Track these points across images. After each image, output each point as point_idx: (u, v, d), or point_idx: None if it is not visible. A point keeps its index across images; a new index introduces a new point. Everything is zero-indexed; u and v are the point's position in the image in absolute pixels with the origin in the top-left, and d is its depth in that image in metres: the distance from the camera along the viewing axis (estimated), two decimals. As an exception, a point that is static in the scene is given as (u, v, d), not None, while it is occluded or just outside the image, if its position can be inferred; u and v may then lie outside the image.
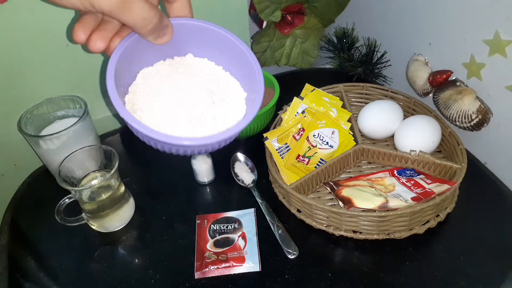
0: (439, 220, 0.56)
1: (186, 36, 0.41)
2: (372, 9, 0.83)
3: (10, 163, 0.70)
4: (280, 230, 0.56)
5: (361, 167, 0.66)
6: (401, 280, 0.51)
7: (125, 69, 0.39)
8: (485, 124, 0.63)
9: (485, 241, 0.54)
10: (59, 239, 0.58)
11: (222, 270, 0.52)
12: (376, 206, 0.52)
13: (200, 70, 0.42)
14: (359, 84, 0.75)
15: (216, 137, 0.35)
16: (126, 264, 0.55)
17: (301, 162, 0.63)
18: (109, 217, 0.57)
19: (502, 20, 0.56)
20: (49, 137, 0.57)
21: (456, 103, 0.63)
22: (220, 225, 0.57)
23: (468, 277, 0.51)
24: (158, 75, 0.41)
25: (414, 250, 0.54)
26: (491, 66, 0.60)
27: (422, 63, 0.72)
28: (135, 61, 0.41)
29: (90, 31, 0.36)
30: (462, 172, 0.56)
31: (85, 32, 0.36)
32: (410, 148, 0.61)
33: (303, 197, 0.54)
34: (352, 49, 0.85)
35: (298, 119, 0.66)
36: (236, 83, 0.43)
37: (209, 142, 0.35)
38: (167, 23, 0.37)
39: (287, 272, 0.52)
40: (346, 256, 0.54)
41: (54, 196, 0.56)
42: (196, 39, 0.42)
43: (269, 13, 0.83)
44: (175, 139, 0.35)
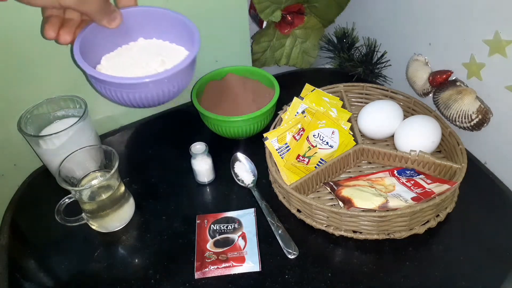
0: (439, 220, 0.56)
1: (134, 22, 0.54)
2: (372, 9, 0.83)
3: (10, 163, 0.70)
4: (280, 230, 0.56)
5: (361, 167, 0.66)
6: (401, 280, 0.51)
7: (89, 52, 0.51)
8: (485, 124, 0.63)
9: (485, 241, 0.54)
10: (59, 239, 0.58)
11: (222, 270, 0.52)
12: (376, 206, 0.52)
13: (151, 47, 0.55)
14: (359, 84, 0.75)
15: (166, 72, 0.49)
16: (126, 264, 0.55)
17: (301, 162, 0.63)
18: (109, 217, 0.57)
19: (502, 20, 0.56)
20: (49, 137, 0.57)
21: (456, 103, 0.63)
22: (220, 225, 0.57)
23: (468, 277, 0.51)
24: (117, 57, 0.55)
25: (414, 250, 0.54)
26: (491, 66, 0.60)
27: (422, 63, 0.72)
28: (97, 47, 0.53)
29: (58, 29, 0.48)
30: (462, 172, 0.56)
31: (54, 30, 0.48)
32: (410, 148, 0.61)
33: (303, 197, 0.54)
34: (352, 49, 0.85)
35: (298, 119, 0.66)
36: (180, 48, 0.56)
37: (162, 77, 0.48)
38: (114, 9, 0.49)
39: (287, 272, 0.52)
40: (346, 256, 0.54)
41: (54, 196, 0.55)
42: (142, 23, 0.54)
43: (269, 13, 0.83)
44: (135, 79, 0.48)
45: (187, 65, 0.50)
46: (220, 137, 0.71)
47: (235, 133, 0.68)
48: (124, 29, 0.52)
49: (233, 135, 0.69)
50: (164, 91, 0.50)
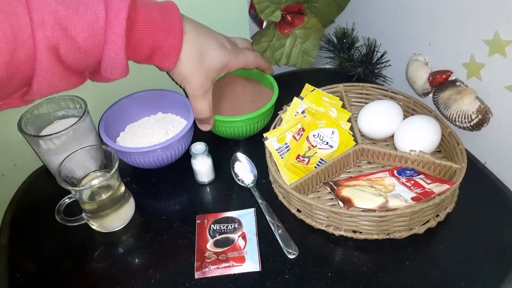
0: (439, 220, 0.56)
1: (156, 100, 0.71)
2: (372, 9, 0.83)
3: (10, 163, 0.70)
4: (280, 230, 0.56)
5: (361, 167, 0.66)
6: (401, 280, 0.51)
7: (119, 118, 0.69)
8: (485, 124, 0.63)
9: (485, 241, 0.54)
10: (59, 239, 0.58)
11: (222, 270, 0.52)
12: (376, 206, 0.52)
13: (164, 119, 0.71)
14: (359, 84, 0.75)
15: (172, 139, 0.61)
16: (126, 264, 0.55)
17: (301, 162, 0.63)
18: (109, 217, 0.57)
19: (502, 20, 0.56)
20: (49, 137, 0.57)
21: (456, 103, 0.63)
22: (220, 225, 0.57)
23: (468, 277, 0.51)
24: (138, 126, 0.71)
25: (414, 250, 0.54)
26: (491, 66, 0.60)
27: (422, 63, 0.72)
28: (127, 116, 0.71)
29: None
30: (462, 172, 0.56)
31: None
32: (410, 148, 0.61)
33: (303, 197, 0.54)
34: (352, 49, 0.85)
35: (298, 119, 0.66)
36: (183, 121, 0.70)
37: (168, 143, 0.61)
38: (211, 122, 0.64)
39: (287, 272, 0.52)
40: (346, 256, 0.54)
41: (54, 196, 0.56)
42: (161, 102, 0.71)
43: (269, 13, 0.83)
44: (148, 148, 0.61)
45: (186, 131, 0.63)
46: (220, 137, 0.71)
47: (233, 133, 0.68)
48: (151, 104, 0.72)
49: (231, 135, 0.69)
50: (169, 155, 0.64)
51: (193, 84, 0.55)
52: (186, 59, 0.53)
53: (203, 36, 0.55)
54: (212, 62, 0.56)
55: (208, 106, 0.59)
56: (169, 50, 0.51)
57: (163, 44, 0.51)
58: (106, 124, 0.65)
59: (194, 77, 0.55)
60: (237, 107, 0.71)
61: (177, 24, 0.51)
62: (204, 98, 0.58)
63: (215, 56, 0.56)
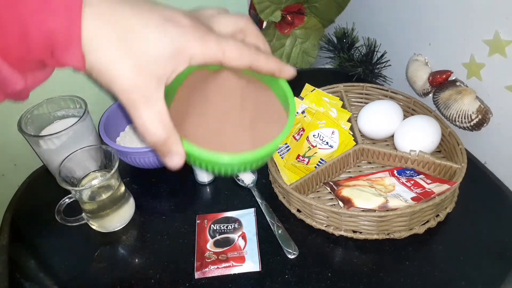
0: (439, 220, 0.56)
1: None
2: (372, 9, 0.83)
3: (10, 163, 0.70)
4: (280, 230, 0.56)
5: (361, 167, 0.66)
6: (401, 280, 0.51)
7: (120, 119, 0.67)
8: (485, 124, 0.63)
9: (485, 241, 0.54)
10: (59, 239, 0.58)
11: (222, 270, 0.52)
12: (376, 206, 0.52)
13: None
14: (359, 84, 0.75)
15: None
16: (126, 264, 0.55)
17: (301, 162, 0.63)
18: (109, 217, 0.57)
19: (502, 20, 0.56)
20: (49, 137, 0.57)
21: (456, 103, 0.63)
22: (220, 225, 0.57)
23: (468, 277, 0.51)
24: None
25: (414, 250, 0.54)
26: (491, 66, 0.60)
27: (422, 63, 0.72)
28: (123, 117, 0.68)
29: None
30: (462, 172, 0.56)
31: None
32: (410, 148, 0.61)
33: (303, 197, 0.54)
34: (352, 49, 0.85)
35: (298, 119, 0.66)
36: None
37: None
38: (177, 150, 0.33)
39: (287, 272, 0.52)
40: (346, 256, 0.54)
41: (54, 196, 0.56)
42: None
43: (269, 13, 0.83)
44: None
45: None
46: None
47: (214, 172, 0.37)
48: None
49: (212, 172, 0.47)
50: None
51: (120, 85, 0.30)
52: (96, 44, 0.29)
53: (125, 7, 0.30)
54: (149, 46, 0.30)
55: (158, 120, 0.31)
56: (58, 32, 0.28)
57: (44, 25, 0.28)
58: (106, 124, 0.65)
59: (118, 72, 0.30)
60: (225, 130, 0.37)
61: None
62: (148, 107, 0.31)
63: (153, 36, 0.30)
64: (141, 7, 0.31)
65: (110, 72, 0.30)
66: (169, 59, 0.31)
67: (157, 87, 0.31)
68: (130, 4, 0.30)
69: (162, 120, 0.31)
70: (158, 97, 0.31)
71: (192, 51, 0.31)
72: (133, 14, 0.30)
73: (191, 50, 0.31)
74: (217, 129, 0.36)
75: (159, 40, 0.30)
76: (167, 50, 0.30)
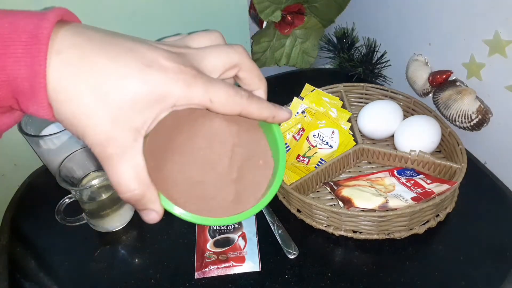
0: (439, 220, 0.56)
1: None
2: (372, 9, 0.83)
3: (10, 163, 0.70)
4: (280, 230, 0.56)
5: (361, 167, 0.66)
6: (401, 280, 0.51)
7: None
8: (485, 124, 0.63)
9: (485, 241, 0.54)
10: (59, 239, 0.58)
11: (222, 270, 0.52)
12: (376, 206, 0.52)
13: None
14: (359, 84, 0.75)
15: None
16: (126, 264, 0.55)
17: (301, 162, 0.63)
18: (109, 217, 0.57)
19: (502, 20, 0.56)
20: (49, 137, 0.57)
21: (456, 103, 0.63)
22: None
23: (468, 277, 0.51)
24: None
25: (414, 250, 0.54)
26: (491, 66, 0.60)
27: (422, 63, 0.72)
28: None
29: None
30: (462, 172, 0.56)
31: None
32: (410, 148, 0.61)
33: (303, 197, 0.54)
34: (352, 49, 0.85)
35: (298, 119, 0.66)
36: None
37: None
38: (153, 208, 0.29)
39: (287, 272, 0.52)
40: (346, 256, 0.54)
41: (54, 196, 0.56)
42: None
43: (269, 13, 0.83)
44: None
45: None
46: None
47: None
48: None
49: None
50: None
51: (93, 138, 0.27)
52: (64, 97, 0.26)
53: (100, 52, 0.26)
54: (127, 96, 0.26)
55: (134, 176, 0.28)
56: (21, 80, 0.25)
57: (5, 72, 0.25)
58: None
59: (92, 125, 0.27)
60: (209, 181, 0.33)
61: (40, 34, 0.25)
62: (123, 161, 0.28)
63: (131, 85, 0.26)
64: (117, 50, 0.27)
65: (82, 124, 0.27)
66: (149, 107, 0.27)
67: (134, 139, 0.27)
68: (105, 49, 0.27)
69: (138, 176, 0.28)
70: (136, 150, 0.28)
71: (175, 97, 0.27)
72: (109, 61, 0.26)
73: (175, 97, 0.27)
74: (200, 180, 0.32)
75: (138, 89, 0.27)
76: (147, 98, 0.27)
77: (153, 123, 0.28)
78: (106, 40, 0.27)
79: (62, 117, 0.27)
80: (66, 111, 0.26)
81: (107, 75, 0.26)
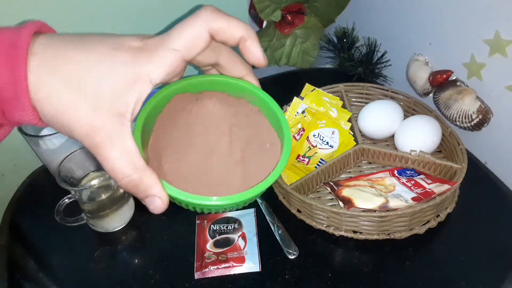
0: (440, 220, 0.56)
1: None
2: (372, 9, 0.83)
3: (10, 163, 0.70)
4: (280, 230, 0.56)
5: (361, 167, 0.66)
6: (401, 280, 0.51)
7: None
8: (486, 124, 0.63)
9: (485, 241, 0.54)
10: (59, 239, 0.58)
11: (222, 270, 0.52)
12: (376, 206, 0.52)
13: None
14: (359, 84, 0.75)
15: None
16: (126, 264, 0.55)
17: (301, 162, 0.63)
18: (109, 217, 0.57)
19: (502, 20, 0.56)
20: (48, 137, 0.57)
21: (456, 103, 0.63)
22: (220, 225, 0.57)
23: (468, 277, 0.50)
24: None
25: (414, 250, 0.54)
26: (491, 66, 0.60)
27: (422, 63, 0.72)
28: None
29: None
30: (463, 172, 0.56)
31: None
32: (410, 148, 0.61)
33: (303, 197, 0.54)
34: (352, 49, 0.85)
35: (298, 119, 0.66)
36: None
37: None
38: (155, 193, 0.29)
39: (287, 272, 0.52)
40: (346, 256, 0.54)
41: (54, 196, 0.56)
42: None
43: (269, 13, 0.83)
44: None
45: None
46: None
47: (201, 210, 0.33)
48: None
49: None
50: None
51: (80, 130, 0.27)
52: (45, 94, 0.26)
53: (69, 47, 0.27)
54: (102, 82, 0.27)
55: (126, 160, 0.27)
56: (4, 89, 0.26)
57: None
58: None
59: (75, 117, 0.27)
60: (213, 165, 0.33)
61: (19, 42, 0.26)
62: (113, 147, 0.27)
63: (103, 70, 0.27)
64: (85, 43, 0.28)
65: (67, 119, 0.27)
66: (127, 89, 0.27)
67: (121, 124, 0.27)
68: (74, 44, 0.27)
69: (131, 160, 0.27)
70: (124, 135, 0.27)
71: (148, 71, 0.27)
72: (78, 52, 0.27)
73: (147, 71, 0.27)
74: (204, 166, 0.32)
75: (110, 73, 0.27)
76: (122, 80, 0.27)
77: (137, 105, 0.27)
78: (76, 38, 0.28)
79: (48, 118, 0.27)
80: (49, 110, 0.27)
81: (79, 66, 0.27)
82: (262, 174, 0.31)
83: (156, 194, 0.29)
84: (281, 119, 0.33)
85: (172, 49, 0.27)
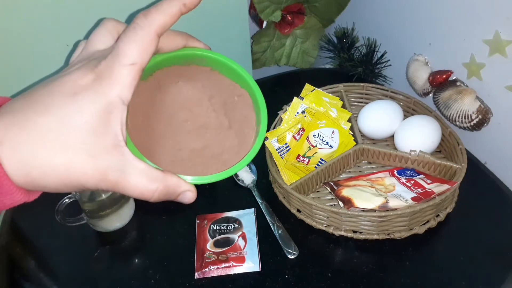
0: (439, 220, 0.56)
1: None
2: (372, 9, 0.83)
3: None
4: (280, 230, 0.56)
5: (361, 167, 0.66)
6: (401, 280, 0.51)
7: None
8: (485, 124, 0.63)
9: (485, 241, 0.54)
10: (59, 239, 0.58)
11: (222, 270, 0.52)
12: (376, 206, 0.52)
13: None
14: (359, 84, 0.75)
15: None
16: (126, 264, 0.55)
17: (301, 162, 0.63)
18: (109, 217, 0.57)
19: (502, 20, 0.56)
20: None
21: (456, 103, 0.63)
22: (220, 225, 0.57)
23: (468, 277, 0.51)
24: None
25: (414, 250, 0.54)
26: (491, 66, 0.60)
27: (422, 63, 0.72)
28: None
29: None
30: (462, 172, 0.56)
31: None
32: (410, 148, 0.61)
33: (303, 197, 0.54)
34: (352, 49, 0.85)
35: (298, 119, 0.66)
36: None
37: None
38: (184, 189, 0.32)
39: (287, 272, 0.52)
40: (346, 256, 0.54)
41: (54, 196, 0.55)
42: None
43: (269, 13, 0.83)
44: None
45: None
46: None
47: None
48: None
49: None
50: None
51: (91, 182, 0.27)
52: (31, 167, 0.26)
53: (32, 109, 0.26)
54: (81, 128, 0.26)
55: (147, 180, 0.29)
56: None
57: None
58: None
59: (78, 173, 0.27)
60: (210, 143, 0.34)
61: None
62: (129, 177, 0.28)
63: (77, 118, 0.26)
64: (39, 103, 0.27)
65: (72, 178, 0.27)
66: (108, 122, 0.27)
67: (122, 154, 0.27)
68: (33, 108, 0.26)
69: (148, 176, 0.29)
70: (130, 161, 0.28)
71: (117, 95, 0.27)
72: (40, 116, 0.26)
73: (115, 95, 0.27)
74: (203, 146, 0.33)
75: (84, 119, 0.26)
76: (98, 117, 0.26)
77: (123, 128, 0.27)
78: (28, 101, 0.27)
79: (52, 186, 0.28)
80: (50, 180, 0.27)
81: (51, 128, 0.26)
82: (251, 125, 0.34)
83: (185, 190, 0.32)
84: (237, 69, 0.33)
85: (128, 64, 0.27)
